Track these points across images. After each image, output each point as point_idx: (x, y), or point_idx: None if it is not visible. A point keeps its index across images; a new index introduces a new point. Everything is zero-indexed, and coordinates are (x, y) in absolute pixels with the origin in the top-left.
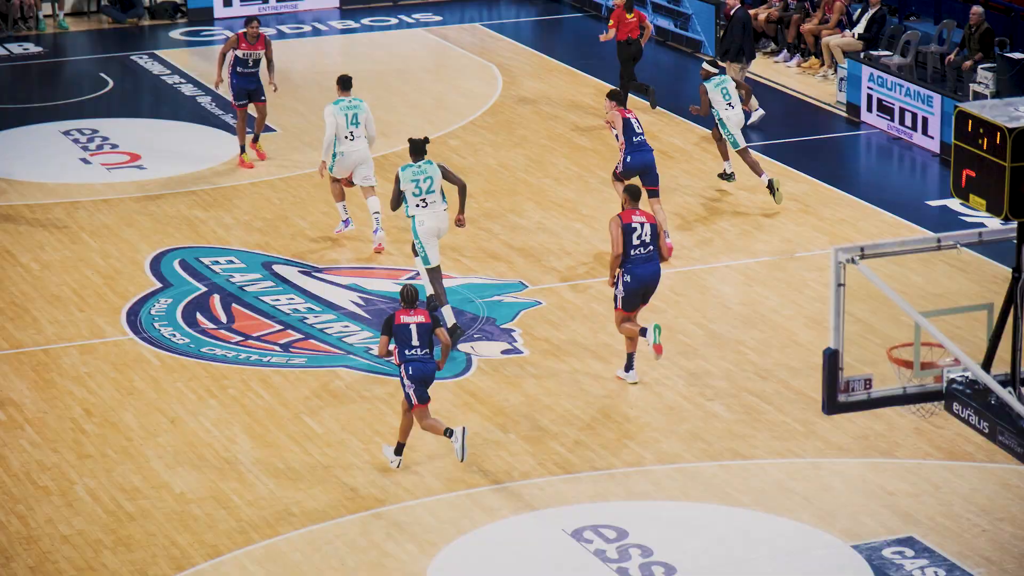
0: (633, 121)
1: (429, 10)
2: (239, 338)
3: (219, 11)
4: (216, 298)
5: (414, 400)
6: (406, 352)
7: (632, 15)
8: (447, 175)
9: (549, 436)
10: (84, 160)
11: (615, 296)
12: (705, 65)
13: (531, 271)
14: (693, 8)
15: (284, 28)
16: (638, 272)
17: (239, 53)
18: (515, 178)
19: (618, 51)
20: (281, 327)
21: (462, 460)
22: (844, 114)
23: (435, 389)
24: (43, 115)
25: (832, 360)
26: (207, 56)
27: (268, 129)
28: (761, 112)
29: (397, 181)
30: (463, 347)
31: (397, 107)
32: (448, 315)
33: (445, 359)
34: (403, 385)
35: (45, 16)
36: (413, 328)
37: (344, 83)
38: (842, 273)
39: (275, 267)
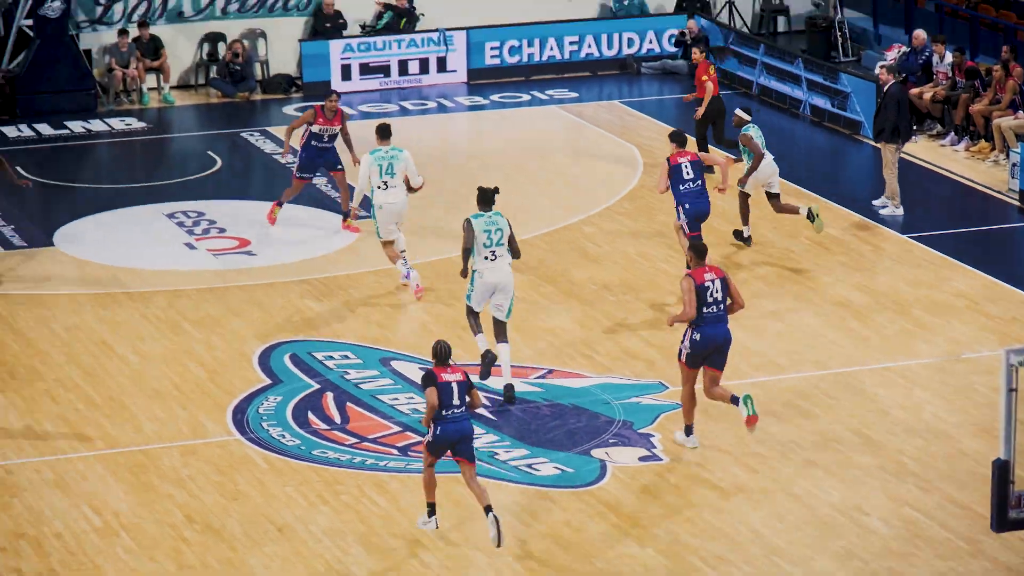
0: (684, 167)
1: (564, 86)
2: (354, 440)
3: (336, 85)
4: (329, 396)
5: (425, 453)
6: (445, 412)
7: (713, 69)
8: (511, 234)
9: (689, 551)
10: (189, 245)
11: (680, 349)
12: (738, 111)
13: (672, 370)
14: (851, 86)
15: (407, 104)
16: (708, 332)
17: (315, 128)
18: (655, 268)
19: (709, 107)
20: (400, 428)
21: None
22: (1016, 203)
23: (567, 498)
24: (146, 196)
25: (1002, 472)
26: None
27: None
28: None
29: (470, 229)
30: (596, 453)
31: (528, 189)
32: (481, 343)
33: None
34: (427, 435)
35: (149, 89)
36: (455, 387)
37: (383, 131)
38: (1014, 377)
39: (394, 363)
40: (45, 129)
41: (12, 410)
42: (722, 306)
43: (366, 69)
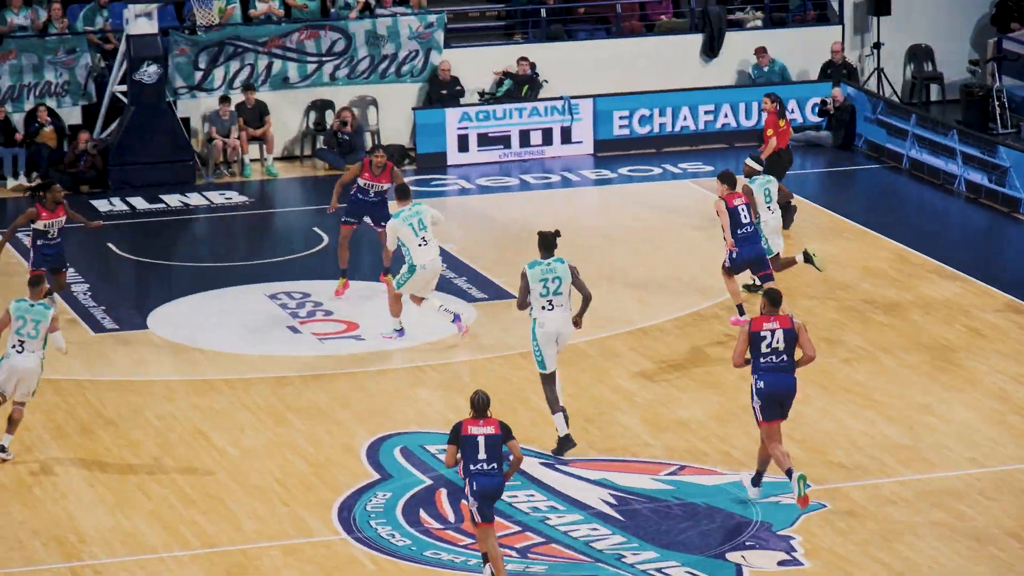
0: (741, 210)
1: (698, 159)
2: (469, 540)
3: (453, 157)
4: (443, 493)
5: (477, 518)
6: (471, 466)
7: (784, 121)
8: (576, 279)
9: None
10: (293, 329)
11: (753, 407)
12: (749, 161)
13: (814, 467)
14: (1011, 160)
15: (529, 178)
16: (769, 380)
17: (361, 182)
18: None
19: (771, 163)
20: (518, 528)
21: None
22: None
23: None
24: (246, 275)
25: None
26: (439, 207)
27: (508, 296)
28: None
29: (524, 279)
30: (732, 556)
31: (659, 270)
32: (560, 424)
33: (512, 473)
34: (468, 501)
35: (252, 160)
36: (481, 440)
37: (402, 192)
38: None
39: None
40: (139, 203)
41: (101, 505)
42: (784, 357)
43: (485, 140)
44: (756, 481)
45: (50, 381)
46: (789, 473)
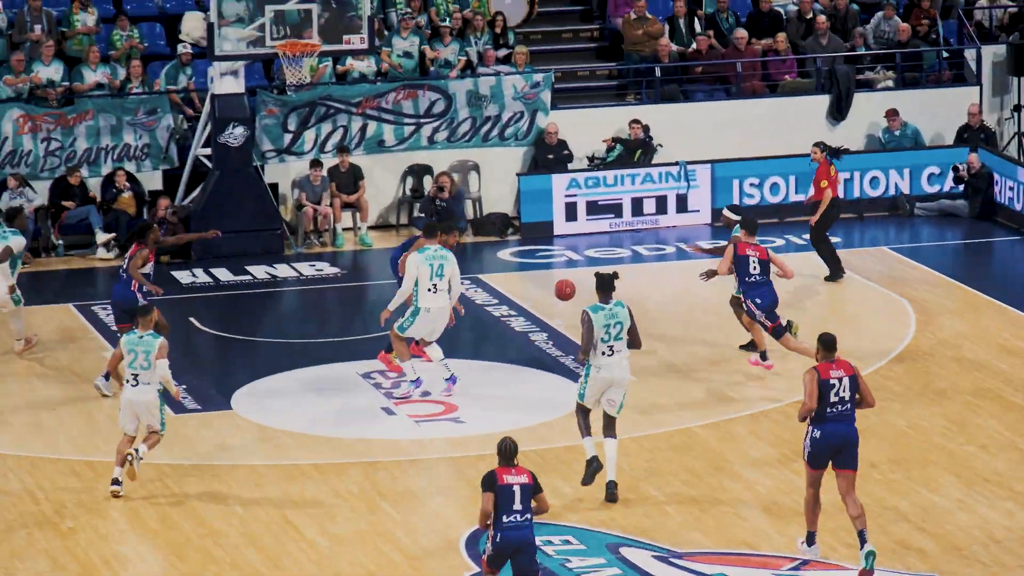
0: (752, 261)
1: None
2: None
3: (560, 226)
4: None
5: (486, 568)
6: (504, 517)
7: (834, 170)
8: (633, 324)
9: None
10: (387, 410)
11: (804, 449)
12: (727, 212)
13: (950, 564)
14: None
15: (642, 249)
16: (829, 430)
17: None
18: (929, 443)
19: (824, 214)
20: None
21: None
22: None
23: None
24: (338, 353)
25: None
26: (544, 282)
27: None
28: None
29: (588, 324)
30: None
31: (779, 346)
32: (589, 446)
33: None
34: (485, 550)
35: (344, 229)
36: (517, 490)
37: (430, 231)
38: None
39: (623, 550)
40: (224, 275)
41: None
42: (848, 405)
43: (594, 208)
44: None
45: None
46: (861, 539)
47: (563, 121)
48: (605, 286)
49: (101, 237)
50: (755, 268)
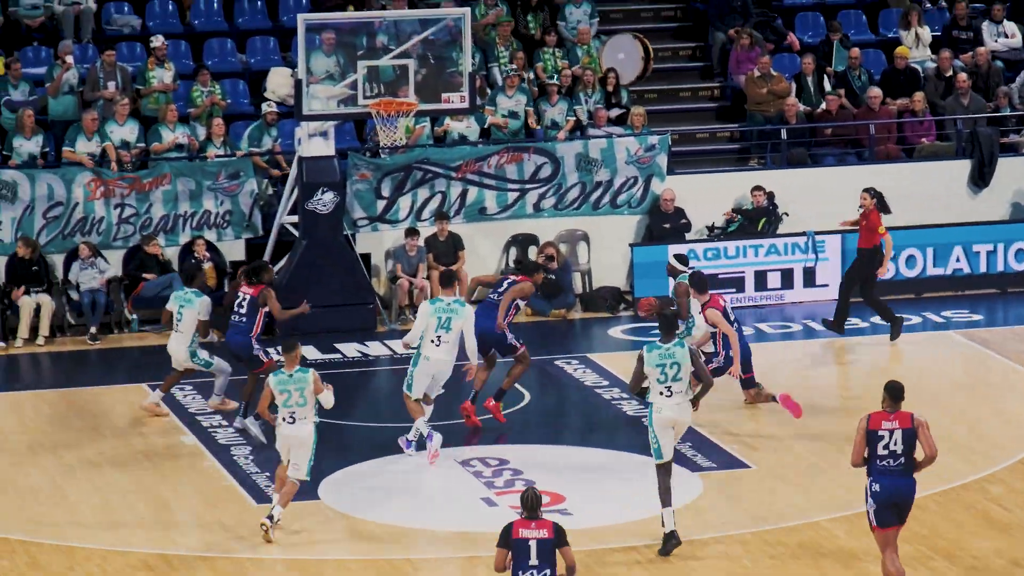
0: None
1: (965, 306)
2: None
3: None
4: None
5: None
6: (520, 573)
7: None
8: (696, 364)
9: None
10: (488, 500)
11: (867, 511)
12: (672, 261)
13: None
14: None
15: (765, 327)
16: (887, 483)
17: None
18: None
19: (864, 261)
20: None
21: None
22: None
23: None
24: (446, 438)
25: None
26: None
27: (740, 464)
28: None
29: (640, 363)
30: None
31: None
32: (668, 519)
33: None
34: None
35: None
36: (533, 545)
37: (447, 279)
38: None
39: None
40: (312, 352)
41: None
42: (902, 459)
43: (714, 282)
44: None
45: (205, 559)
46: None
47: (680, 187)
48: (667, 326)
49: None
50: (731, 316)
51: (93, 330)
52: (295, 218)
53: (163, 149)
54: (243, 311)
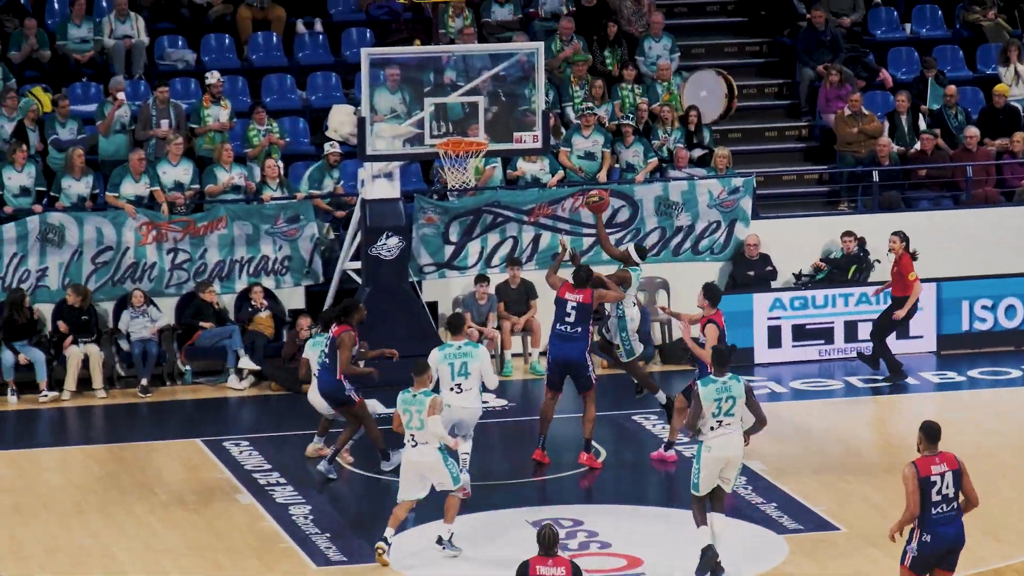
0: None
1: None
2: None
3: (762, 353)
4: None
5: None
6: None
7: None
8: (750, 399)
9: None
10: None
11: (904, 551)
12: (631, 250)
13: None
14: None
15: (855, 380)
16: (941, 532)
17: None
18: None
19: (891, 307)
20: None
21: None
22: None
23: None
24: (505, 497)
25: None
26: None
27: (830, 526)
28: None
29: (698, 399)
30: None
31: (1004, 493)
32: (705, 535)
33: None
34: None
35: (513, 355)
36: None
37: (454, 325)
38: None
39: None
40: (375, 407)
41: None
42: (954, 504)
43: (801, 333)
44: None
45: None
46: None
47: (766, 232)
48: (722, 360)
49: (247, 363)
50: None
51: (144, 382)
52: (358, 264)
53: (218, 191)
54: (327, 351)
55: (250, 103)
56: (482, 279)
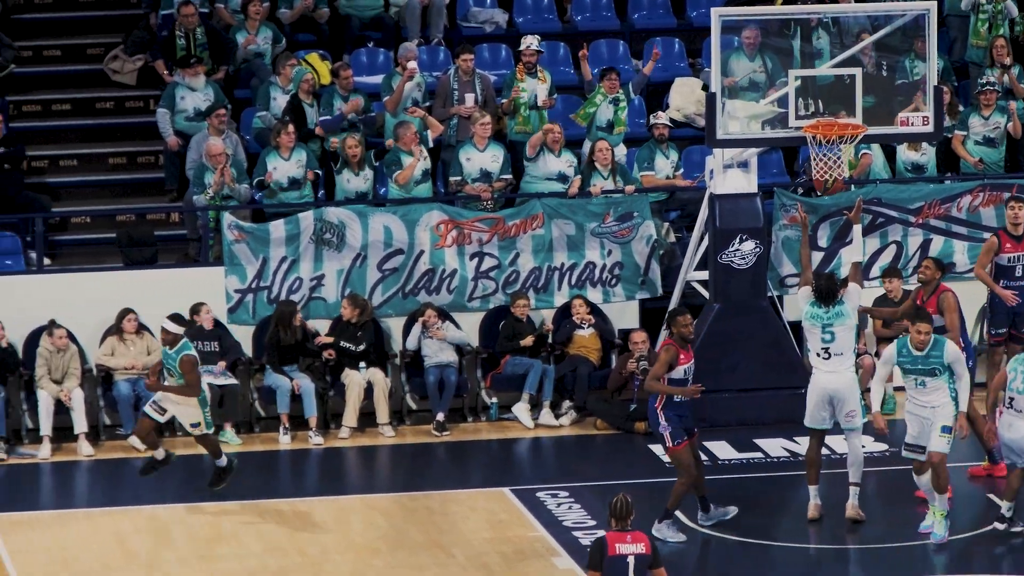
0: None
1: None
2: None
3: None
4: None
5: None
6: None
7: None
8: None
9: None
10: None
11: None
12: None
13: None
14: None
15: None
16: None
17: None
18: None
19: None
20: None
21: None
22: None
23: None
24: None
25: None
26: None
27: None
28: None
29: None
30: None
31: None
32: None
33: None
34: None
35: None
36: (631, 561)
37: None
38: None
39: None
40: (724, 451)
41: None
42: None
43: None
44: None
45: None
46: None
47: None
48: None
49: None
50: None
51: (440, 417)
52: (704, 274)
53: (536, 183)
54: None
55: (574, 75)
56: None
